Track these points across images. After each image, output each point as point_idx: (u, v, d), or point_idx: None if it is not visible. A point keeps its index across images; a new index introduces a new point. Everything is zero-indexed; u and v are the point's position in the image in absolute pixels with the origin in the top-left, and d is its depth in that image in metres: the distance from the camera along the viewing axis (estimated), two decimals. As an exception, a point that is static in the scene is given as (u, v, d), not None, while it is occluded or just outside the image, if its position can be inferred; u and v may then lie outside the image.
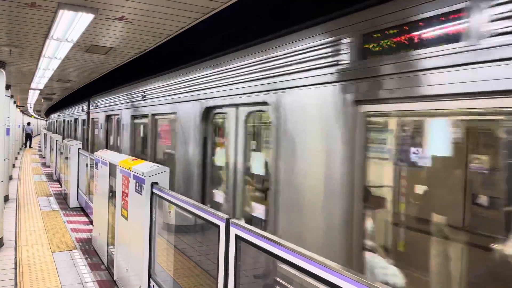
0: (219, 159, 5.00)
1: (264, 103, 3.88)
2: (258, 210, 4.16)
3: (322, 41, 3.17)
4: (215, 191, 5.06)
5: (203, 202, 4.96)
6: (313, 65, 3.25)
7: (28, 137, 31.68)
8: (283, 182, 3.52)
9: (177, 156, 5.77)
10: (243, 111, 4.41)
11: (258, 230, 2.47)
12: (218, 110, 4.97)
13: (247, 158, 4.38)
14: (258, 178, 4.30)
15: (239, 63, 4.33)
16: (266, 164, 4.11)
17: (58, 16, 4.29)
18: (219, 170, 5.03)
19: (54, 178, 14.91)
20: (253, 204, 4.28)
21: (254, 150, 4.40)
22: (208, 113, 5.12)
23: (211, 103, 4.92)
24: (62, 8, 4.00)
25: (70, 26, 4.67)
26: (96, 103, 11.79)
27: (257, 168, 4.26)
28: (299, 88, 3.41)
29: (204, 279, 4.39)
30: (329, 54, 3.10)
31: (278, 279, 3.34)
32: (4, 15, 4.50)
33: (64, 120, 21.71)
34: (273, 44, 3.80)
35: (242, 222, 2.73)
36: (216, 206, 4.80)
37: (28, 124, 32.13)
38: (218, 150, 5.08)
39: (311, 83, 3.26)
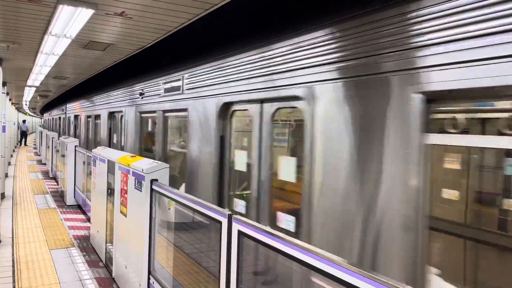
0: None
1: None
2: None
3: None
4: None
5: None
6: None
7: (23, 134, 31.60)
8: None
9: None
10: None
11: (261, 226, 2.47)
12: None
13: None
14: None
15: None
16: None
17: (57, 12, 4.25)
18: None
19: (50, 175, 14.83)
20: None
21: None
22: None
23: None
24: (61, 3, 3.97)
25: (69, 21, 4.64)
26: None
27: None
28: None
29: (203, 276, 4.38)
30: None
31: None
32: (2, 11, 4.46)
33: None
34: None
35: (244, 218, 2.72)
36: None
37: (24, 121, 32.05)
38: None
39: None
